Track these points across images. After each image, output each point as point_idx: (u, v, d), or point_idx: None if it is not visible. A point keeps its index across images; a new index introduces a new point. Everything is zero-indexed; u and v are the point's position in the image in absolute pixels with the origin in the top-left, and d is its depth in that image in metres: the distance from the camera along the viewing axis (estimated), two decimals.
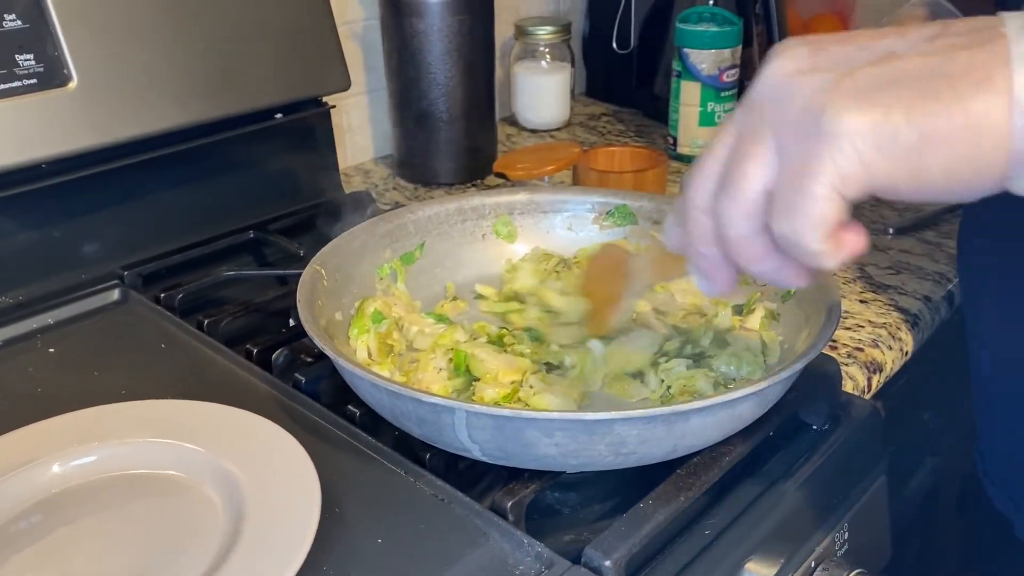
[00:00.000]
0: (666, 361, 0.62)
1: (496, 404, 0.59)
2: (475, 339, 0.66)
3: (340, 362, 0.53)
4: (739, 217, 0.38)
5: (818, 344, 0.53)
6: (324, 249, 0.67)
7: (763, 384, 0.49)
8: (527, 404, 0.59)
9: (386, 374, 0.61)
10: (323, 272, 0.65)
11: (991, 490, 0.69)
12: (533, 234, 0.78)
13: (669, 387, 0.61)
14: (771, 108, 0.36)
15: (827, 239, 0.35)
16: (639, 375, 0.62)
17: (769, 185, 0.37)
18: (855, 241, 0.36)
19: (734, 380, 0.61)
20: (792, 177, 0.35)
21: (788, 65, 0.36)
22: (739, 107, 0.39)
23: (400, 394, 0.50)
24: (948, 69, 0.33)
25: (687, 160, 1.13)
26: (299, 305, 0.59)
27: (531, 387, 0.59)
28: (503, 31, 1.26)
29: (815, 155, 0.34)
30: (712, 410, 0.49)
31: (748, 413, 0.53)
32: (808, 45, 0.37)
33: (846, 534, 0.60)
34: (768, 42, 1.20)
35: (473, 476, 0.57)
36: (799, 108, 0.35)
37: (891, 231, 0.92)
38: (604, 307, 0.59)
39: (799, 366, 0.52)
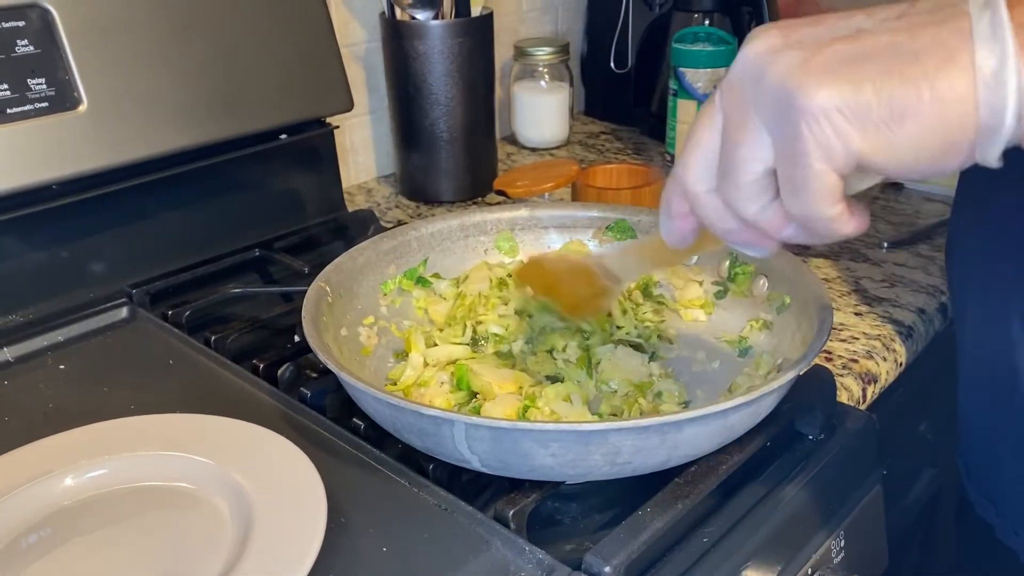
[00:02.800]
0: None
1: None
2: (480, 349, 0.68)
3: (343, 376, 0.55)
4: (748, 201, 0.39)
5: (809, 355, 0.55)
6: (328, 267, 0.68)
7: (754, 394, 0.51)
8: (540, 409, 0.60)
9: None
10: (328, 289, 0.66)
11: (973, 495, 0.70)
12: (534, 249, 0.80)
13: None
14: (750, 88, 0.38)
15: (838, 204, 0.37)
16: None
17: (767, 164, 0.38)
18: (860, 214, 0.38)
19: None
20: (787, 159, 0.37)
21: (761, 45, 0.38)
22: (718, 89, 0.40)
23: (401, 407, 0.52)
24: (914, 46, 0.34)
25: None
26: (304, 321, 0.60)
27: (540, 399, 0.61)
28: (503, 52, 1.28)
29: (797, 135, 0.36)
30: (704, 420, 0.50)
31: (741, 424, 0.54)
32: (780, 28, 0.38)
33: (842, 542, 0.61)
34: None
35: (476, 488, 0.58)
36: (775, 87, 0.36)
37: (885, 245, 0.94)
38: (592, 301, 0.62)
39: (790, 376, 0.53)
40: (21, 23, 0.73)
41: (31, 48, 0.73)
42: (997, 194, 0.62)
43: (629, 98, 1.35)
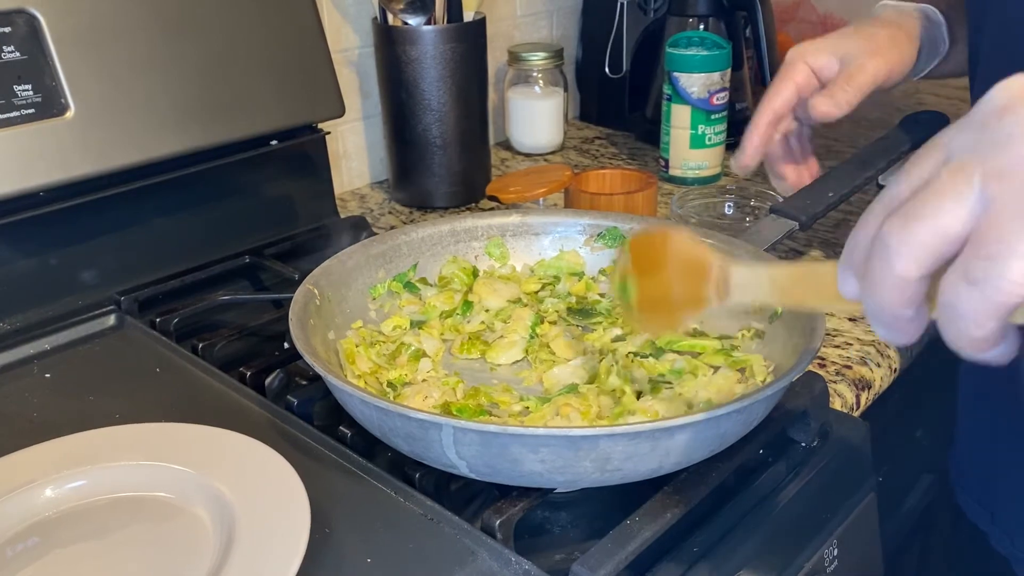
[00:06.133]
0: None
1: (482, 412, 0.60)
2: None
3: (330, 379, 0.54)
4: (987, 320, 0.31)
5: (801, 363, 0.54)
6: (317, 269, 0.68)
7: (746, 401, 0.50)
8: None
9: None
10: (316, 292, 0.66)
11: (964, 500, 0.68)
12: (525, 256, 0.79)
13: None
14: (990, 142, 0.31)
15: (995, 328, 0.30)
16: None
17: (957, 232, 0.31)
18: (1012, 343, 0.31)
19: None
20: (988, 242, 0.30)
21: None
22: (976, 161, 0.31)
23: (388, 410, 0.51)
24: None
25: (679, 182, 1.14)
26: (291, 323, 0.60)
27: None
28: (497, 57, 1.28)
29: None
30: (696, 427, 0.50)
31: (732, 431, 0.53)
32: None
33: (836, 550, 0.60)
34: (758, 65, 1.22)
35: (465, 497, 0.58)
36: None
37: None
38: (679, 309, 0.52)
39: (782, 384, 0.52)
40: (7, 29, 0.72)
41: (17, 54, 0.73)
42: None
43: (624, 103, 1.35)
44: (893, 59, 0.72)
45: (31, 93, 0.73)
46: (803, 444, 0.62)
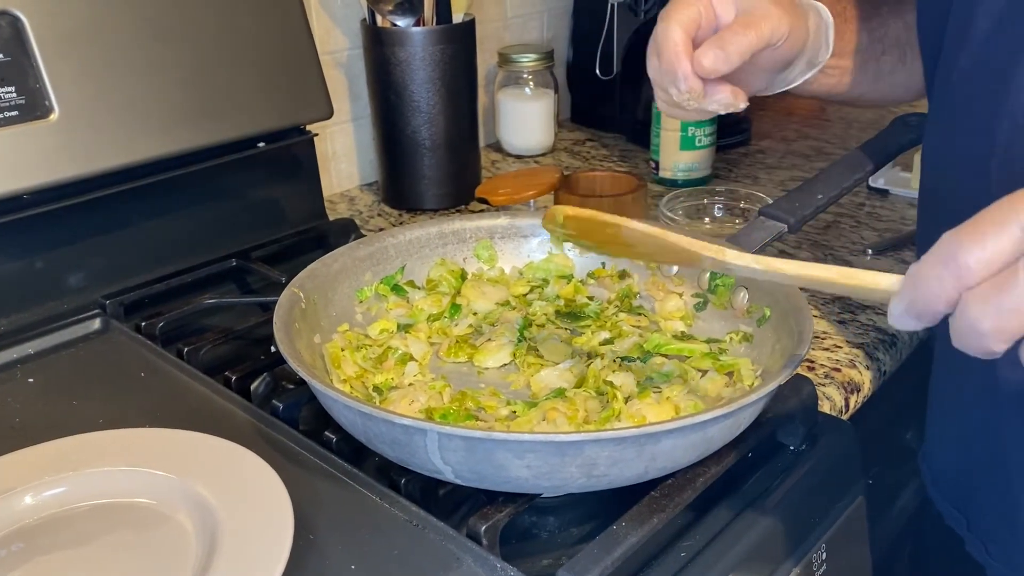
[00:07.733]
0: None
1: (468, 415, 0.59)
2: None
3: (314, 384, 0.54)
4: (1000, 342, 0.36)
5: (788, 367, 0.54)
6: (302, 273, 0.67)
7: (733, 406, 0.50)
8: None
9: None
10: (301, 295, 0.65)
11: (942, 505, 0.67)
12: (513, 258, 0.79)
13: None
14: None
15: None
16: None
17: None
18: None
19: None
20: None
21: None
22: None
23: (372, 415, 0.50)
24: None
25: (669, 183, 1.14)
26: (275, 327, 0.59)
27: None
28: (487, 58, 1.27)
29: None
30: (682, 431, 0.49)
31: (719, 435, 0.53)
32: None
33: (824, 555, 0.60)
34: None
35: (452, 503, 0.57)
36: None
37: (870, 252, 0.93)
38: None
39: (770, 388, 0.52)
40: None
41: (0, 56, 0.72)
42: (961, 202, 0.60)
43: (614, 105, 1.35)
44: (796, 22, 0.59)
45: (14, 95, 0.73)
46: (791, 448, 0.62)
